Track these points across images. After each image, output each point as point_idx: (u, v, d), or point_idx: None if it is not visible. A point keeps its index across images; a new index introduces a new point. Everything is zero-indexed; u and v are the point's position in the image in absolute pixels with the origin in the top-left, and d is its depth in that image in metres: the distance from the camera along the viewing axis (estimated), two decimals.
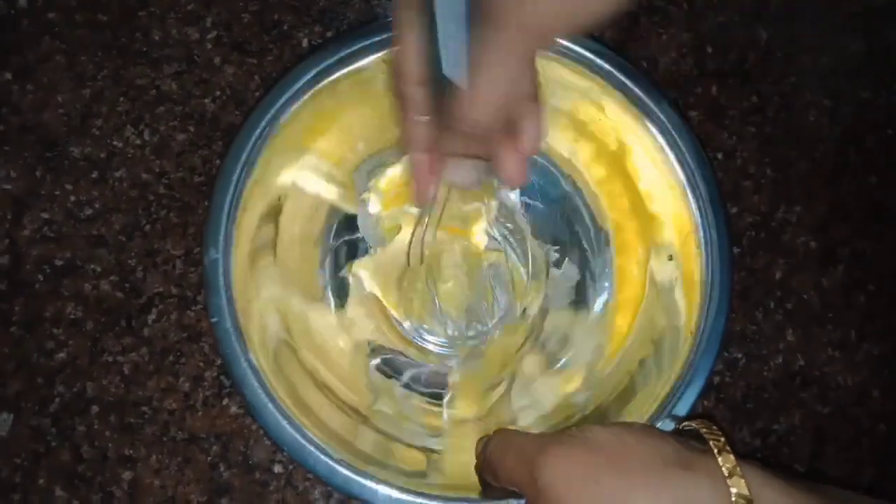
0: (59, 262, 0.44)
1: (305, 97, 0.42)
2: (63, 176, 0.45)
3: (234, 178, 0.41)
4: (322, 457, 0.38)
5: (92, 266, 0.44)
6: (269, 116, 0.41)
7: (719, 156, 0.48)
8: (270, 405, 0.38)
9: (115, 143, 0.45)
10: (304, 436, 0.38)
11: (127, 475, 0.42)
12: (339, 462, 0.38)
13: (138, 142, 0.45)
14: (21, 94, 0.45)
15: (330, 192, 0.45)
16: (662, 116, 0.42)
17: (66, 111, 0.45)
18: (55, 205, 0.44)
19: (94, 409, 0.42)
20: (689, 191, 0.42)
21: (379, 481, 0.38)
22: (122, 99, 0.46)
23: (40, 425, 0.42)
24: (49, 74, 0.46)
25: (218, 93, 0.46)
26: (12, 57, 0.46)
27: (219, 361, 0.43)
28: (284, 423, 0.38)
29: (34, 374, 0.42)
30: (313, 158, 0.44)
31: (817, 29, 0.51)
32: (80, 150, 0.45)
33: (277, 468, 0.42)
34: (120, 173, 0.45)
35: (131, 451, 0.42)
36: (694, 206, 0.42)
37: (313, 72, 0.42)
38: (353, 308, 0.45)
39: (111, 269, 0.44)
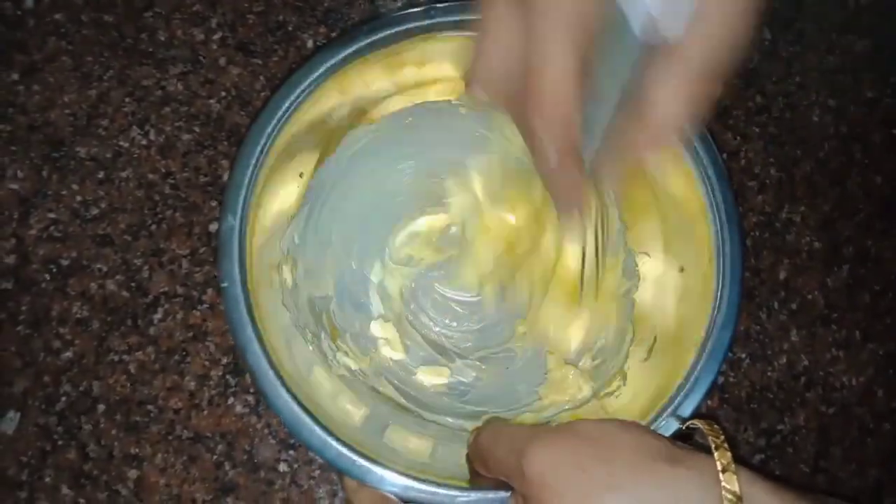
0: (65, 262, 0.44)
1: (335, 74, 0.41)
2: (69, 176, 0.45)
3: (258, 148, 0.40)
4: (317, 429, 0.37)
5: (98, 265, 0.44)
6: (297, 91, 0.40)
7: (724, 156, 0.48)
8: (272, 373, 0.38)
9: (121, 143, 0.46)
10: (301, 407, 0.38)
11: (133, 474, 0.42)
12: (332, 436, 0.37)
13: (144, 142, 0.46)
14: (28, 94, 0.46)
15: None
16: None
17: (72, 111, 0.46)
18: (61, 204, 0.45)
19: (101, 407, 0.42)
20: (707, 205, 0.42)
21: (374, 462, 0.37)
22: (127, 99, 0.46)
23: (47, 423, 0.42)
24: (55, 75, 0.46)
25: (223, 93, 0.47)
26: (19, 57, 0.46)
27: (224, 360, 0.43)
28: (282, 391, 0.37)
29: (41, 372, 0.42)
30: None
31: (822, 28, 0.51)
32: (86, 151, 0.45)
33: (283, 467, 0.43)
34: (126, 173, 0.45)
35: (137, 450, 0.42)
36: (711, 221, 0.41)
37: (344, 53, 0.41)
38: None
39: (117, 269, 0.44)
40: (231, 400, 0.43)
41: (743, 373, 0.46)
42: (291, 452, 0.43)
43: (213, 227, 0.45)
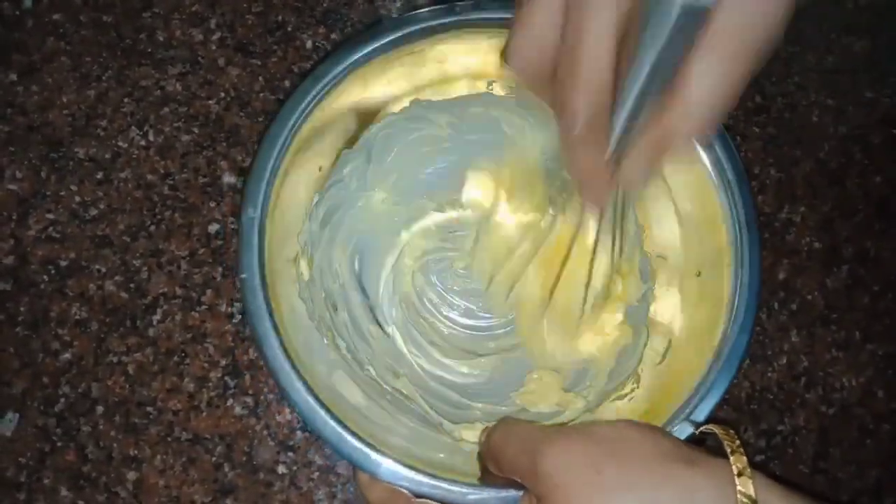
0: (63, 263, 0.44)
1: (358, 69, 0.41)
2: (68, 176, 0.45)
3: (279, 141, 0.40)
4: (331, 421, 0.37)
5: (97, 266, 0.44)
6: (319, 85, 0.40)
7: None
8: (288, 365, 0.38)
9: (119, 143, 0.45)
10: (316, 399, 0.38)
11: (132, 475, 0.42)
12: (346, 429, 0.37)
13: (143, 143, 0.46)
14: (26, 94, 0.46)
15: None
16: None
17: (70, 112, 0.46)
18: (60, 205, 0.44)
19: (99, 409, 0.42)
20: (726, 209, 0.41)
21: (386, 456, 0.37)
22: (126, 100, 0.46)
23: (46, 425, 0.42)
24: (54, 75, 0.46)
25: (222, 94, 0.46)
26: (17, 57, 0.46)
27: (223, 362, 0.43)
28: (298, 382, 0.37)
29: (39, 373, 0.42)
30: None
31: (821, 28, 0.51)
32: (84, 151, 0.45)
33: (281, 469, 0.43)
34: (125, 174, 0.45)
35: (136, 452, 0.42)
36: (730, 225, 0.41)
37: (368, 48, 0.41)
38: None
39: (116, 270, 0.44)
40: (230, 401, 0.43)
41: (743, 373, 0.46)
42: (290, 454, 0.43)
43: (212, 228, 0.45)
